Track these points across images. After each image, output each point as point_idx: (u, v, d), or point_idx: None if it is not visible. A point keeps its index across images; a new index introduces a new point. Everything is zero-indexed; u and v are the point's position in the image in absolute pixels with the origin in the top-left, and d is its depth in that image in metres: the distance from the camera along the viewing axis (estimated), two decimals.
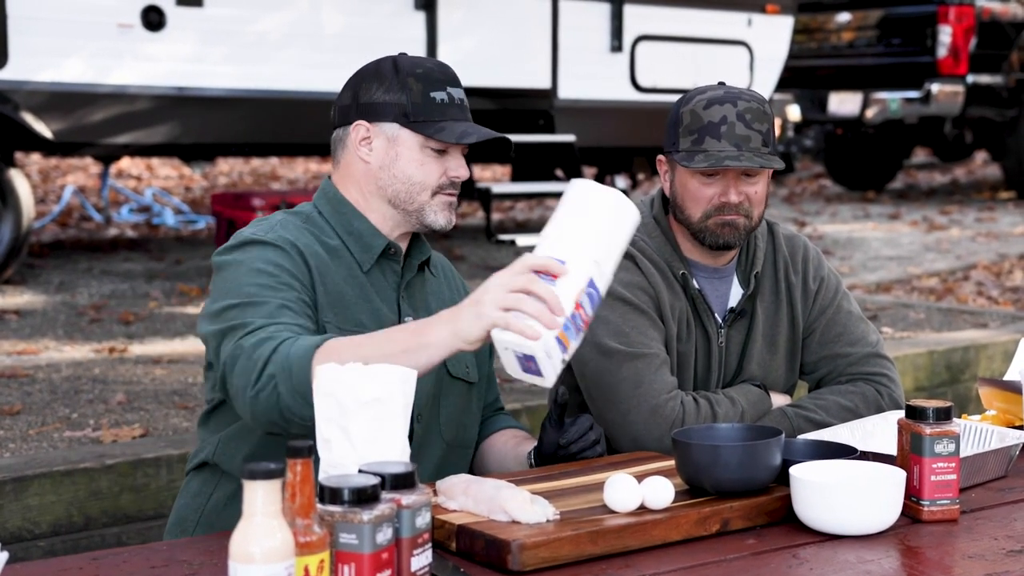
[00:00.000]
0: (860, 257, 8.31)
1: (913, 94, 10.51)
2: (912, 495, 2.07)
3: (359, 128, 2.33)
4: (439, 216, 2.33)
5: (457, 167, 2.33)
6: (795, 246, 2.73)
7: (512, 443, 2.48)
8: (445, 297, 2.47)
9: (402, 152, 2.31)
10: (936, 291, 7.13)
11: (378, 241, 2.34)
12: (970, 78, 10.49)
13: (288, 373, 2.03)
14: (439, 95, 2.30)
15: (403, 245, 2.39)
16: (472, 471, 2.48)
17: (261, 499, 1.54)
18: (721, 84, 2.58)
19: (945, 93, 10.45)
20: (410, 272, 2.39)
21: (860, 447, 2.23)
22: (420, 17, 7.22)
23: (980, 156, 15.10)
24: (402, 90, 2.29)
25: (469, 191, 7.46)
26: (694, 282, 2.60)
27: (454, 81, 2.34)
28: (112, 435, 3.93)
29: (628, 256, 2.57)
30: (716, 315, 2.62)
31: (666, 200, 2.65)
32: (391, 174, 2.32)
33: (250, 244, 2.26)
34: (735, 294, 2.64)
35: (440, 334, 1.98)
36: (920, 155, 15.82)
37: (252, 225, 2.33)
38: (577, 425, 2.29)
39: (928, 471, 2.07)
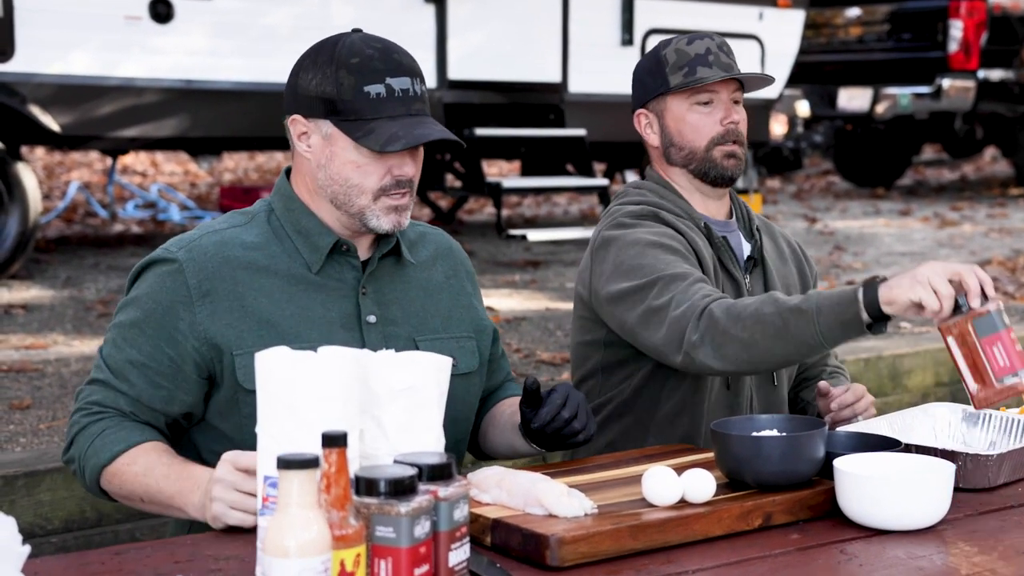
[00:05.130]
0: (873, 253, 8.25)
1: (924, 89, 10.45)
2: (1005, 375, 2.06)
3: (296, 123, 2.16)
4: (383, 220, 2.15)
5: (401, 165, 2.13)
6: (789, 236, 2.85)
7: (508, 411, 2.32)
8: (432, 283, 2.31)
9: (337, 152, 2.13)
10: None
11: (325, 240, 2.18)
12: (981, 73, 10.43)
13: (82, 469, 2.14)
14: (374, 89, 2.09)
15: (366, 238, 2.23)
16: (478, 445, 2.42)
17: (296, 490, 1.49)
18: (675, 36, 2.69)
19: (956, 88, 10.39)
20: (372, 265, 2.22)
21: (901, 440, 2.17)
22: (430, 10, 7.18)
23: (988, 153, 15.05)
24: (334, 83, 2.09)
25: (480, 186, 7.42)
26: (716, 230, 2.62)
27: (397, 69, 2.12)
28: None
29: (651, 216, 2.56)
30: (739, 263, 2.65)
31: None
32: (328, 174, 2.15)
33: (154, 264, 2.17)
34: (745, 246, 2.69)
35: (193, 504, 2.02)
36: (928, 152, 15.78)
37: (180, 236, 2.22)
38: (548, 406, 2.12)
39: (1010, 340, 2.06)
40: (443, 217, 9.07)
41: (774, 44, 8.45)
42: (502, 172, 12.08)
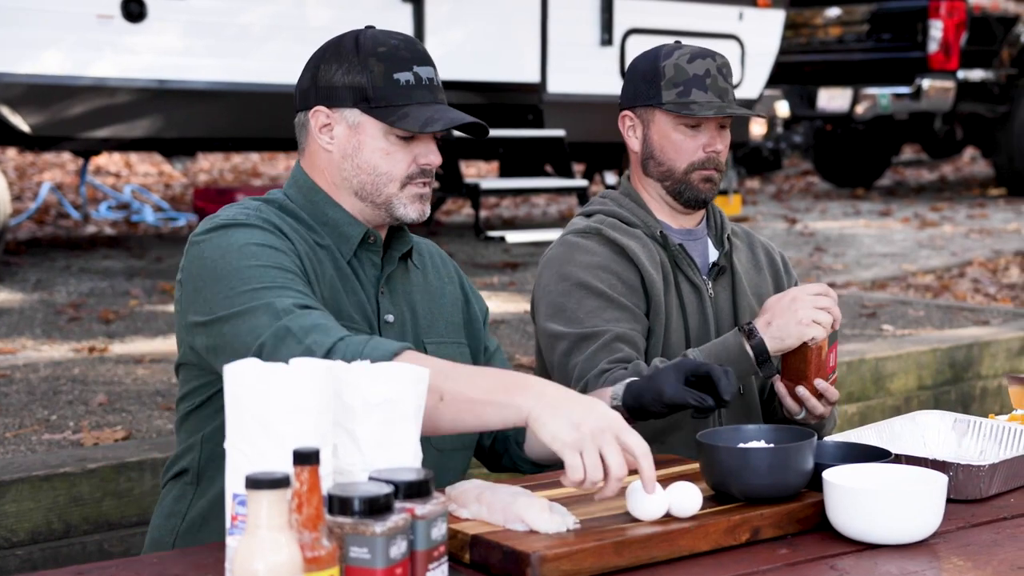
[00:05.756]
0: (853, 254, 8.23)
1: (904, 90, 10.44)
2: (831, 372, 2.44)
3: (318, 114, 2.16)
4: (409, 209, 2.17)
5: (427, 153, 2.16)
6: (770, 243, 2.84)
7: None
8: (433, 289, 2.31)
9: (365, 140, 2.14)
10: (932, 288, 7.05)
11: (355, 230, 2.17)
12: (961, 74, 10.42)
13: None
14: (404, 76, 2.12)
15: (383, 232, 2.23)
16: (504, 457, 2.34)
17: (266, 510, 1.43)
18: (678, 42, 2.64)
19: (936, 89, 10.37)
20: (391, 265, 2.22)
21: (889, 450, 2.11)
22: (407, 10, 7.12)
23: (968, 153, 15.08)
24: (363, 71, 2.12)
25: (458, 187, 7.35)
26: (673, 238, 2.62)
27: (423, 59, 2.16)
28: (93, 438, 3.80)
29: (595, 233, 2.58)
30: (700, 269, 2.65)
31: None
32: (355, 164, 2.15)
33: (233, 226, 2.06)
34: (712, 253, 2.68)
35: (527, 403, 1.82)
36: (907, 152, 15.80)
37: (229, 209, 2.14)
38: (728, 377, 2.10)
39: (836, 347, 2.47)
40: None
41: (754, 44, 8.41)
42: (480, 173, 12.02)
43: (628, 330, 2.49)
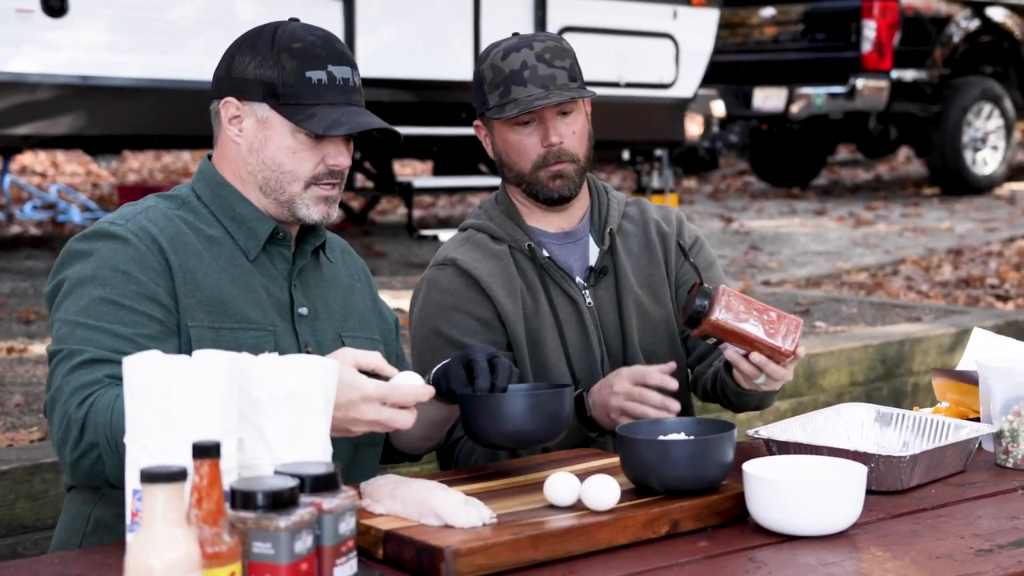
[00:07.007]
0: (788, 252, 8.27)
1: (838, 89, 10.49)
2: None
3: (228, 105, 2.13)
4: (312, 210, 2.12)
5: (336, 155, 2.12)
6: (668, 211, 2.68)
7: None
8: (344, 283, 2.28)
9: (272, 136, 2.10)
10: (866, 286, 7.10)
11: (264, 226, 2.13)
12: (894, 73, 10.49)
13: (114, 446, 1.85)
14: (316, 75, 2.08)
15: (294, 229, 2.19)
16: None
17: (162, 505, 1.38)
18: (515, 34, 2.52)
19: (870, 88, 10.44)
20: (303, 259, 2.19)
21: (811, 442, 2.13)
22: (337, 7, 7.05)
23: (902, 153, 15.22)
24: (275, 66, 2.08)
25: (390, 186, 7.30)
26: (543, 252, 2.52)
27: (339, 58, 2.12)
28: (8, 439, 3.72)
29: (448, 264, 2.50)
30: (576, 279, 2.53)
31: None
32: (260, 159, 2.12)
33: (103, 237, 2.04)
34: (594, 253, 2.56)
35: None
36: (842, 152, 15.92)
37: (118, 211, 2.11)
38: (498, 371, 2.06)
39: None
40: (355, 218, 8.94)
41: (688, 43, 8.41)
42: (415, 172, 11.96)
43: None
